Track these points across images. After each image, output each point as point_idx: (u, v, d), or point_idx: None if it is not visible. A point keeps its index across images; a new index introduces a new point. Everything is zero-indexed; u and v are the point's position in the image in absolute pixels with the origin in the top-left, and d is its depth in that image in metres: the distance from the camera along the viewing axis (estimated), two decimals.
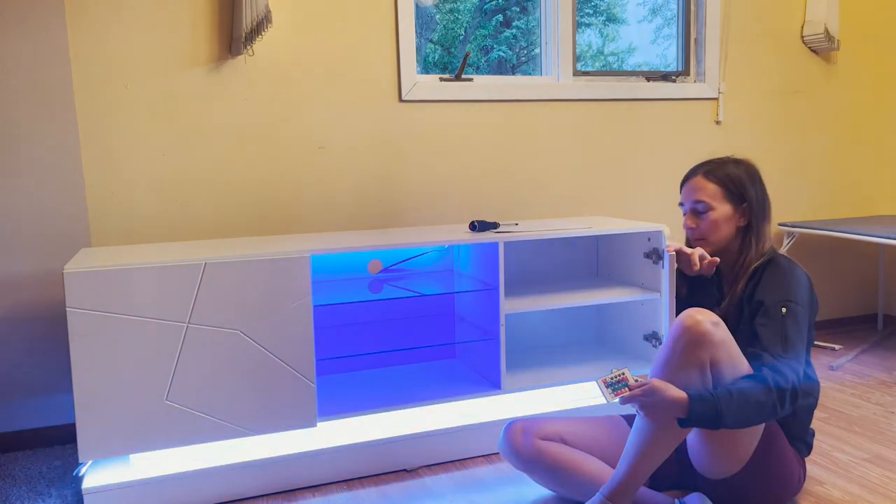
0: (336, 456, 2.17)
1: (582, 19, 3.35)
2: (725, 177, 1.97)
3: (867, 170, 3.73)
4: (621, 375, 1.75)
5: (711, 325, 1.69)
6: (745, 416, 1.66)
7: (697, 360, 1.68)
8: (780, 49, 3.46)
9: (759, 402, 1.66)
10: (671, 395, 1.66)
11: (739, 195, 1.97)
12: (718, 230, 1.97)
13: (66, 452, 2.43)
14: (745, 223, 1.97)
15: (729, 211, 1.96)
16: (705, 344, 1.68)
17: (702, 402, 1.65)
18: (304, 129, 2.71)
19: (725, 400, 1.64)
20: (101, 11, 2.44)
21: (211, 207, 2.62)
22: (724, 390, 1.67)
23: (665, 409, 1.67)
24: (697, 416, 1.65)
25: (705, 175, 1.99)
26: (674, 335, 1.72)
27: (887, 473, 2.14)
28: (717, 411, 1.63)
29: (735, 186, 1.97)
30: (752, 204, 1.96)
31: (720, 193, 1.96)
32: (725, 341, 1.72)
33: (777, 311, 1.80)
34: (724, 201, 1.96)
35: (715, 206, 1.96)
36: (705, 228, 1.98)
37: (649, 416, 1.70)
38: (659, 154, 3.28)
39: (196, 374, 1.99)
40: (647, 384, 1.68)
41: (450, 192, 2.93)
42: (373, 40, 2.77)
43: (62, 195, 2.45)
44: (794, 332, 1.77)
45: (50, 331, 2.47)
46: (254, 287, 2.02)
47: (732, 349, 1.73)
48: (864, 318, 3.81)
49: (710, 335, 1.68)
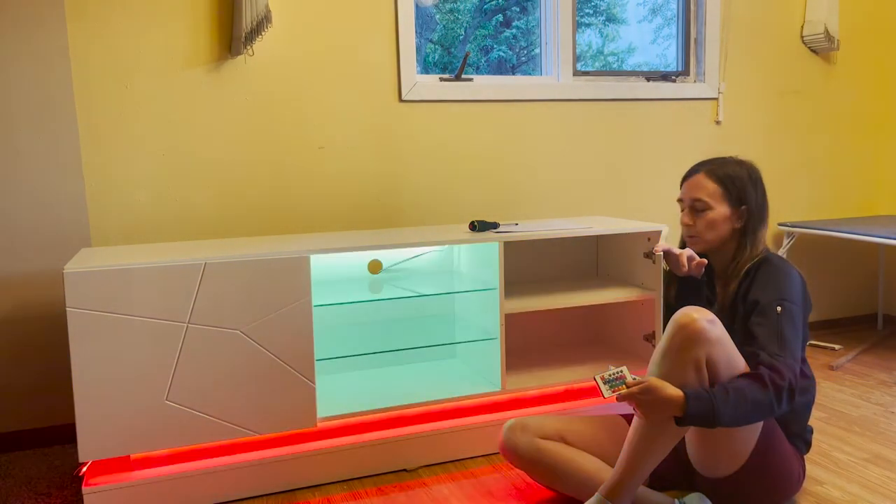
0: (336, 456, 2.17)
1: (582, 19, 3.35)
2: (726, 177, 1.96)
3: (867, 170, 3.73)
4: (619, 373, 1.76)
5: (707, 322, 1.69)
6: (741, 414, 1.66)
7: (693, 358, 1.68)
8: (780, 49, 3.46)
9: (756, 400, 1.66)
10: (667, 393, 1.66)
11: (739, 197, 1.95)
12: (714, 230, 1.96)
13: (66, 452, 2.43)
14: (742, 225, 1.96)
15: (727, 212, 1.95)
16: (701, 342, 1.68)
17: (698, 400, 1.64)
18: (304, 129, 2.71)
19: (722, 398, 1.64)
20: (101, 11, 2.45)
21: (211, 207, 2.62)
22: (720, 388, 1.67)
23: (661, 408, 1.67)
24: (694, 415, 1.65)
25: (707, 174, 1.98)
26: (670, 333, 1.72)
27: (887, 473, 2.14)
28: (714, 409, 1.63)
29: (735, 188, 1.95)
30: (750, 207, 1.95)
31: (720, 193, 1.95)
32: (721, 339, 1.71)
33: (772, 310, 1.80)
34: (723, 201, 1.95)
35: (713, 206, 1.95)
36: (701, 227, 1.97)
37: (646, 415, 1.70)
38: (659, 154, 3.28)
39: (196, 374, 1.99)
40: (643, 382, 1.68)
41: (450, 192, 2.93)
42: (373, 40, 2.77)
43: (62, 195, 2.45)
44: (789, 330, 1.77)
45: (50, 331, 2.47)
46: (254, 287, 2.02)
47: (729, 347, 1.73)
48: (864, 318, 3.81)
49: (705, 333, 1.68)
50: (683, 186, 2.04)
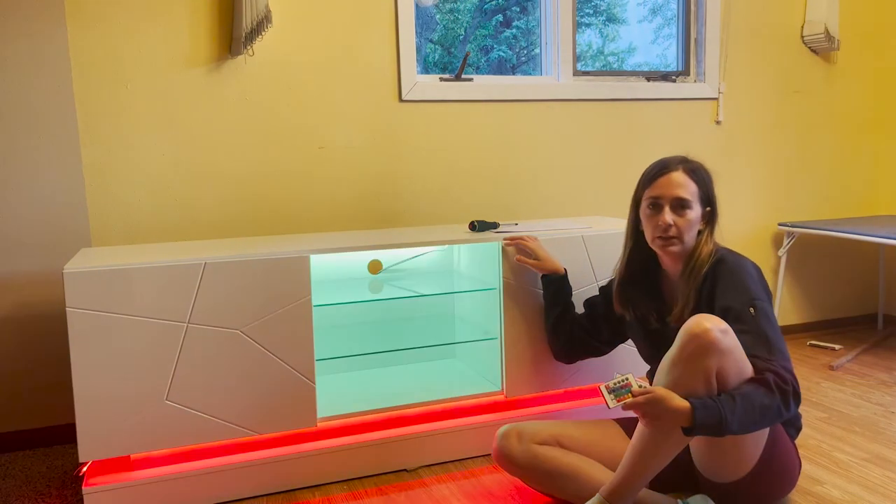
0: (336, 456, 2.17)
1: (582, 19, 3.35)
2: (699, 176, 1.89)
3: (867, 170, 3.73)
4: (625, 381, 1.69)
5: (720, 332, 1.63)
6: (750, 421, 1.63)
7: (704, 369, 1.63)
8: (780, 49, 3.46)
9: (764, 406, 1.62)
10: (674, 404, 1.61)
11: (707, 197, 1.90)
12: (692, 231, 1.87)
13: (66, 452, 2.43)
14: (705, 227, 1.89)
15: (700, 212, 1.88)
16: (713, 353, 1.62)
17: (706, 410, 1.60)
18: (304, 129, 2.71)
19: (730, 407, 1.60)
20: (101, 11, 2.45)
21: (211, 207, 2.62)
22: (727, 397, 1.62)
23: (668, 419, 1.63)
24: (702, 426, 1.60)
25: (685, 171, 1.88)
26: (681, 342, 1.66)
27: (887, 473, 2.14)
28: (722, 419, 1.59)
29: (706, 188, 1.90)
30: (714, 208, 1.90)
31: (697, 193, 1.87)
32: (733, 349, 1.65)
33: (747, 314, 1.74)
34: (698, 202, 1.88)
35: (693, 206, 1.87)
36: (684, 227, 1.86)
37: (652, 425, 1.67)
38: (659, 154, 3.23)
39: (196, 374, 1.99)
40: (650, 392, 1.64)
41: (450, 192, 2.93)
42: (373, 40, 2.77)
43: (62, 195, 2.45)
44: (769, 329, 1.74)
45: (50, 331, 2.47)
46: (253, 287, 2.02)
47: (740, 357, 1.67)
48: (864, 318, 3.81)
49: (718, 344, 1.62)
50: (657, 183, 1.88)
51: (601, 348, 2.23)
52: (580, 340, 2.22)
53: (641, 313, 1.99)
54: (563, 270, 2.25)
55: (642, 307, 1.98)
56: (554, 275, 2.25)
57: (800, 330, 3.65)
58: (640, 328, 2.01)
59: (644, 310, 1.98)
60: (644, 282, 2.00)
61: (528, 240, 2.27)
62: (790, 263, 3.57)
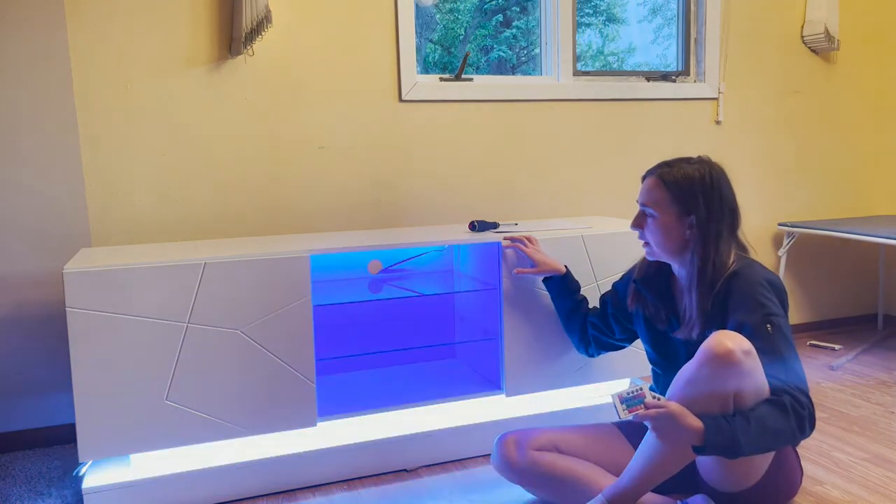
0: (336, 456, 2.17)
1: (582, 19, 3.35)
2: (675, 183, 1.80)
3: (867, 170, 3.73)
4: (639, 391, 1.64)
5: (743, 353, 1.58)
6: (763, 445, 1.60)
7: (722, 389, 1.59)
8: (780, 49, 3.46)
9: (778, 429, 1.59)
10: (688, 423, 1.58)
11: (686, 204, 1.79)
12: (663, 239, 1.82)
13: (66, 452, 2.43)
14: (695, 235, 1.79)
15: (674, 220, 1.80)
16: (734, 375, 1.58)
17: (719, 432, 1.57)
18: (304, 129, 2.71)
19: (743, 429, 1.57)
20: (101, 11, 2.44)
21: (211, 207, 2.62)
22: (741, 418, 1.58)
23: (679, 435, 1.60)
24: (713, 448, 1.58)
25: (659, 177, 1.83)
26: (701, 359, 1.61)
27: (887, 473, 2.14)
28: (735, 442, 1.56)
29: (683, 194, 1.79)
30: (699, 216, 1.78)
31: (668, 199, 1.80)
32: (754, 371, 1.61)
33: (764, 331, 1.68)
34: (670, 209, 1.80)
35: (658, 214, 1.81)
36: (648, 235, 1.85)
37: (662, 439, 1.64)
38: (659, 154, 3.23)
39: (196, 374, 1.99)
40: (663, 408, 1.60)
41: (450, 192, 2.93)
42: (373, 40, 2.77)
43: (62, 195, 2.45)
44: (785, 347, 1.70)
45: (50, 331, 2.47)
46: (253, 287, 2.02)
47: (759, 379, 1.63)
48: (864, 318, 3.81)
49: (740, 366, 1.57)
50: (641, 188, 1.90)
51: (616, 344, 2.22)
52: (595, 337, 2.22)
53: (651, 314, 1.98)
54: (563, 269, 2.25)
55: (652, 308, 1.98)
56: (555, 275, 2.25)
57: (800, 330, 3.65)
58: (648, 329, 2.01)
59: (654, 310, 1.97)
60: (657, 283, 1.97)
61: (528, 240, 2.27)
62: (790, 263, 3.57)
